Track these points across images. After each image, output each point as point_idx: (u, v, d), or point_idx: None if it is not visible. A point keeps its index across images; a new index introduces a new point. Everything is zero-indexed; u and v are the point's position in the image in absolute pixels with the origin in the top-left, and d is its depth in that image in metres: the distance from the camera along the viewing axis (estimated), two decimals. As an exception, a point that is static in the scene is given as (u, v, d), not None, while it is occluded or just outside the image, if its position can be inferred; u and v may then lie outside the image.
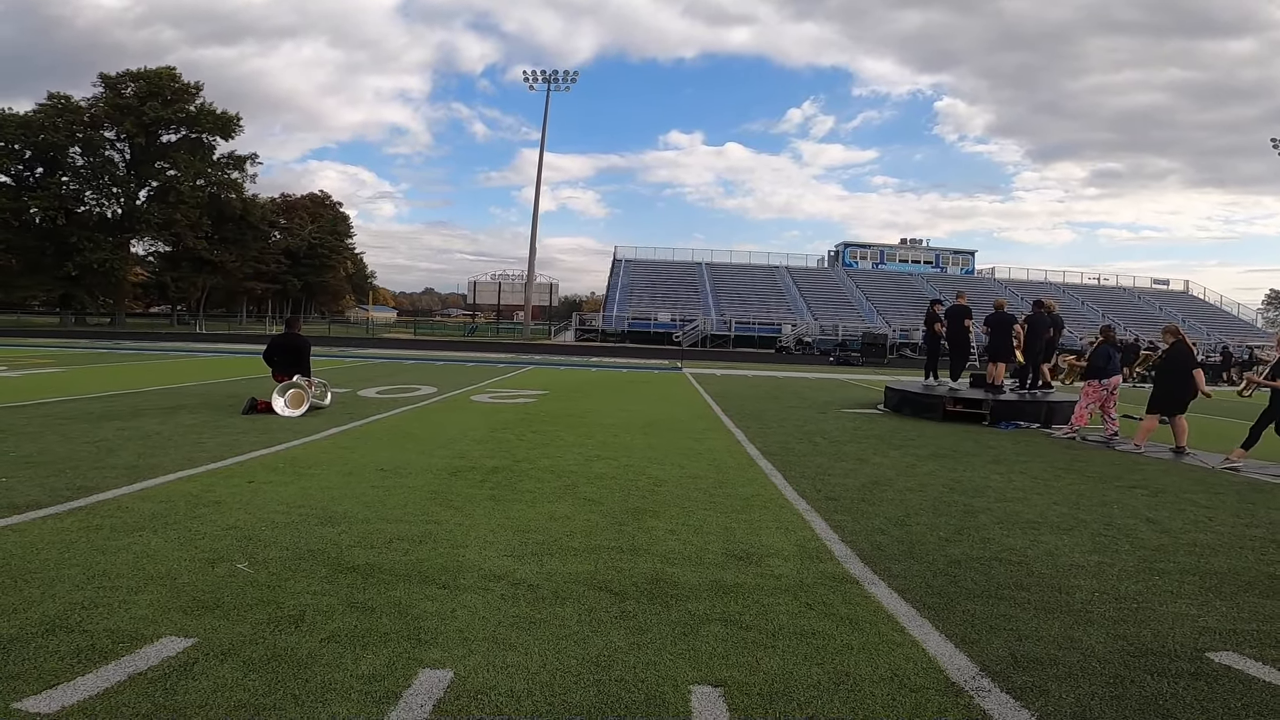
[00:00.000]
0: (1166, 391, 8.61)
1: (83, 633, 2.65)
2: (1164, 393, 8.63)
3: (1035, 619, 3.10)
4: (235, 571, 3.33)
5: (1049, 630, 2.98)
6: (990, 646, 2.79)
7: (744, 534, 4.25)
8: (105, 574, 3.24)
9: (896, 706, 2.32)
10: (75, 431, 6.86)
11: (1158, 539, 4.49)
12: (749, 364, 28.73)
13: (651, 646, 2.68)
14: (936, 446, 8.02)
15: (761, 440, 7.99)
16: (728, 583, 3.40)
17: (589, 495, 5.07)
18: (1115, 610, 3.25)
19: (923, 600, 3.27)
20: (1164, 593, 3.51)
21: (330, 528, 4.04)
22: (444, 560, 3.57)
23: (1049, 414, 10.59)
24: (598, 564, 3.60)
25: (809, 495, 5.33)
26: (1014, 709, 2.33)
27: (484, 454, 6.50)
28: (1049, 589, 3.48)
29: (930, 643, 2.80)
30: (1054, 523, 4.80)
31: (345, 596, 3.08)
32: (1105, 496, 5.70)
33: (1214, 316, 59.97)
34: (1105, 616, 3.16)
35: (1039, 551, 4.10)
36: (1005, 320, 11.79)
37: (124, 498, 4.54)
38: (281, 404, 8.60)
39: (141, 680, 2.32)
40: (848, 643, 2.77)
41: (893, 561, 3.83)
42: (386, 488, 5.05)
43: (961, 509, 5.08)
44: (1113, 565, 3.90)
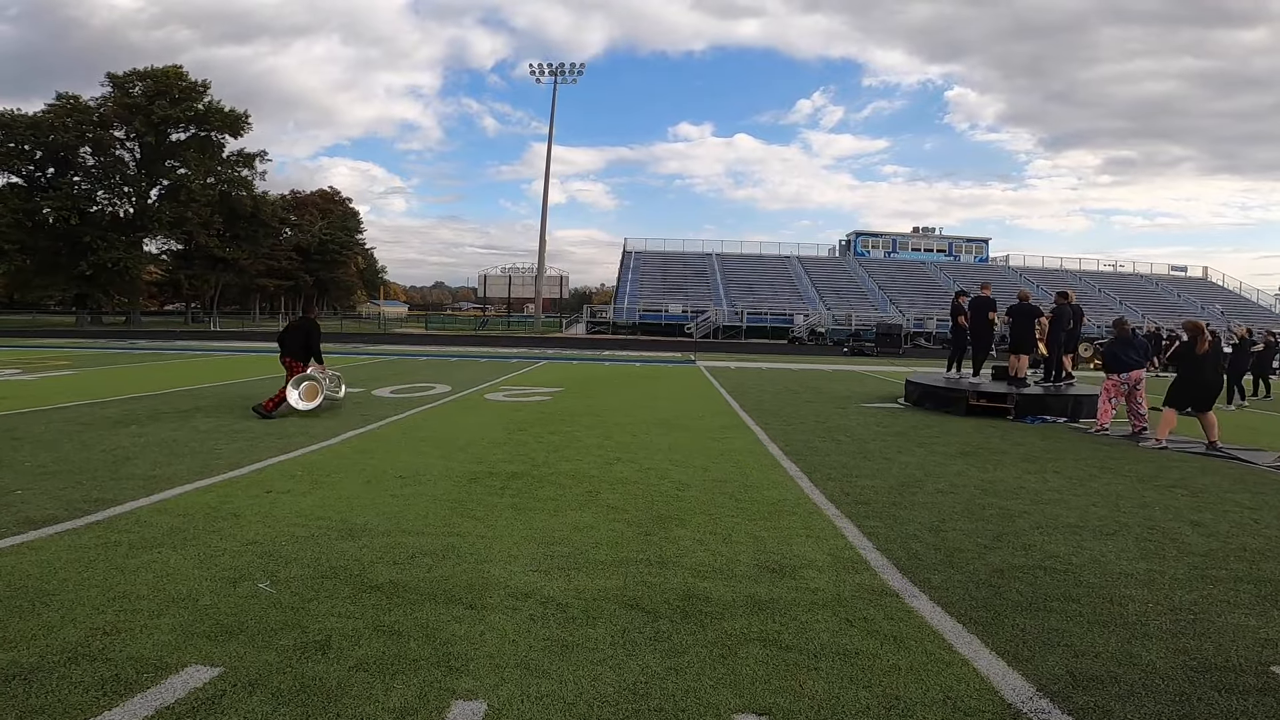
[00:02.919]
0: (1184, 385, 8.36)
1: (106, 661, 2.56)
2: (1182, 386, 8.38)
3: (1089, 633, 2.98)
4: (257, 592, 3.23)
5: (1106, 645, 2.86)
6: (1045, 664, 2.66)
7: (774, 543, 4.12)
8: (126, 596, 3.15)
9: None
10: (91, 438, 6.81)
11: (1205, 544, 4.33)
12: (762, 356, 28.52)
13: (689, 671, 2.56)
14: (963, 443, 7.85)
15: (783, 438, 7.85)
16: (762, 597, 3.28)
17: (612, 502, 4.95)
18: (1172, 622, 3.12)
19: (968, 614, 3.14)
20: (1220, 602, 3.37)
21: (351, 542, 3.94)
22: (469, 577, 3.47)
23: (1075, 407, 10.38)
24: (626, 579, 3.49)
25: (837, 499, 5.19)
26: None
27: (502, 458, 6.40)
28: (1100, 599, 3.35)
29: (981, 661, 2.67)
30: (1096, 527, 4.64)
31: (371, 619, 2.98)
32: (1145, 497, 5.53)
33: (1233, 302, 59.24)
34: (1162, 629, 3.04)
35: (1084, 559, 3.96)
36: (1029, 312, 11.57)
37: (141, 511, 4.47)
38: (296, 396, 8.60)
39: (170, 715, 2.24)
40: (894, 663, 2.64)
41: (932, 571, 3.69)
42: (405, 497, 4.95)
43: (997, 512, 4.93)
44: (1163, 573, 3.76)
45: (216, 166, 52.04)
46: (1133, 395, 9.21)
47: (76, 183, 47.80)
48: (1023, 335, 11.51)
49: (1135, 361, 9.30)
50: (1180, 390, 8.35)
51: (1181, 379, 8.43)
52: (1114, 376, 9.30)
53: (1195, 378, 8.26)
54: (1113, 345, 9.61)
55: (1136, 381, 9.25)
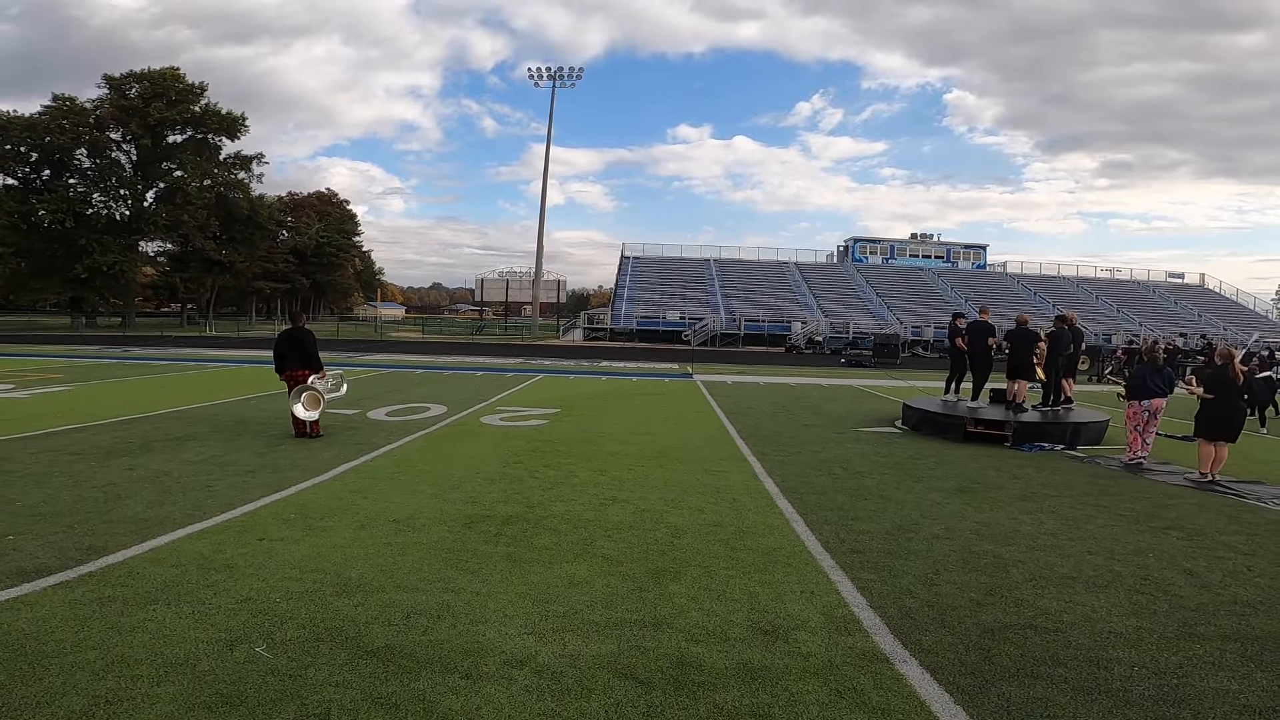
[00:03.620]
0: (1216, 415, 8.22)
1: None
2: (1214, 416, 8.24)
3: (1073, 702, 3.00)
4: (254, 656, 3.23)
5: (1089, 716, 2.89)
6: None
7: (768, 600, 4.12)
8: (124, 659, 3.15)
9: None
10: (82, 472, 6.78)
11: (1197, 596, 4.36)
12: (760, 367, 28.55)
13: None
14: (960, 478, 7.85)
15: (780, 473, 7.84)
16: (754, 665, 3.28)
17: (607, 552, 4.94)
18: (1155, 688, 3.15)
19: (956, 682, 3.16)
20: (1204, 664, 3.41)
21: (346, 599, 3.93)
22: (464, 641, 3.46)
23: (1074, 434, 10.40)
24: (621, 643, 3.48)
25: (833, 546, 5.19)
26: None
27: (497, 497, 6.39)
28: (1087, 664, 3.38)
29: None
30: (1089, 577, 4.66)
31: (368, 689, 2.98)
32: (1140, 542, 5.54)
33: (1230, 310, 59.42)
34: (1144, 696, 3.07)
35: (1075, 616, 3.97)
36: (1027, 336, 11.61)
37: (134, 560, 4.45)
38: (300, 408, 8.98)
39: None
40: None
41: (924, 632, 3.70)
42: (400, 545, 4.93)
43: (992, 561, 4.94)
44: (1152, 631, 3.79)
45: (213, 169, 51.97)
46: (1147, 424, 9.10)
47: (72, 185, 47.70)
48: (1021, 360, 11.55)
49: (1159, 390, 9.12)
50: (1211, 421, 8.22)
51: (1213, 408, 8.27)
52: (1135, 404, 9.14)
53: (1227, 407, 8.21)
54: (1142, 371, 9.46)
55: (1156, 410, 9.12)
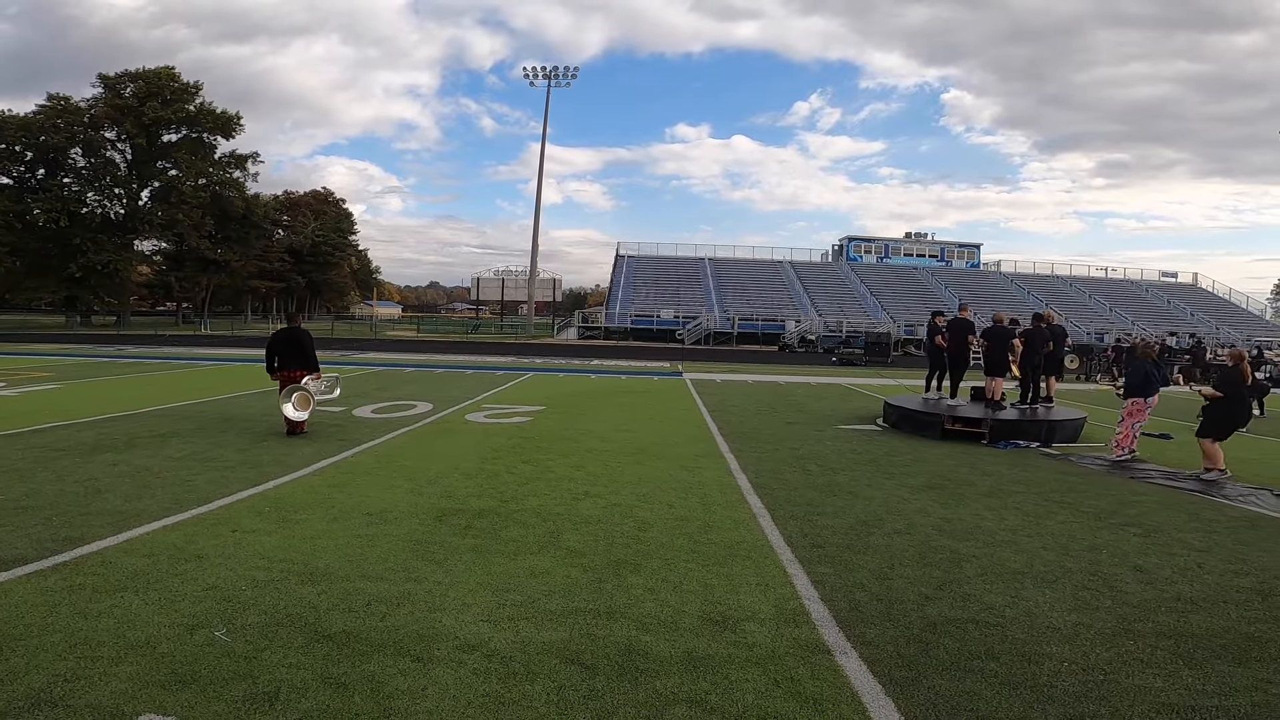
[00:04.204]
0: (1225, 415, 8.39)
1: (66, 708, 2.71)
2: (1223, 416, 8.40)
3: (999, 696, 3.09)
4: (213, 640, 3.35)
5: (1009, 710, 2.97)
6: None
7: (723, 592, 4.24)
8: (87, 642, 3.28)
9: None
10: (65, 467, 6.90)
11: (1141, 592, 4.46)
12: (751, 366, 28.67)
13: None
14: (932, 474, 7.98)
15: (754, 469, 7.98)
16: (700, 654, 3.40)
17: (572, 545, 5.06)
18: (1080, 684, 3.23)
19: (891, 674, 3.27)
20: (1134, 661, 3.49)
21: (310, 587, 4.06)
22: (420, 626, 3.59)
23: (1049, 432, 10.54)
24: (572, 631, 3.61)
25: (795, 541, 5.31)
26: None
27: (472, 491, 6.51)
28: (1020, 658, 3.47)
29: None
30: (1040, 573, 4.77)
31: (320, 670, 3.11)
32: (1096, 539, 5.66)
33: (1222, 309, 59.68)
34: (1068, 692, 3.15)
35: (1018, 611, 4.08)
36: (1003, 334, 11.76)
37: (108, 551, 4.57)
38: (290, 408, 8.99)
39: None
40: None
41: (868, 625, 3.81)
42: (370, 537, 5.06)
43: (948, 556, 5.06)
44: (1090, 626, 3.88)
45: (208, 168, 52.13)
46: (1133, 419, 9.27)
47: (67, 184, 47.81)
48: (997, 358, 11.70)
49: (1155, 388, 9.31)
50: (1221, 421, 8.37)
51: (1222, 408, 8.40)
52: (1139, 400, 9.28)
53: (1236, 408, 8.36)
54: (1142, 367, 9.58)
55: (1151, 407, 9.33)
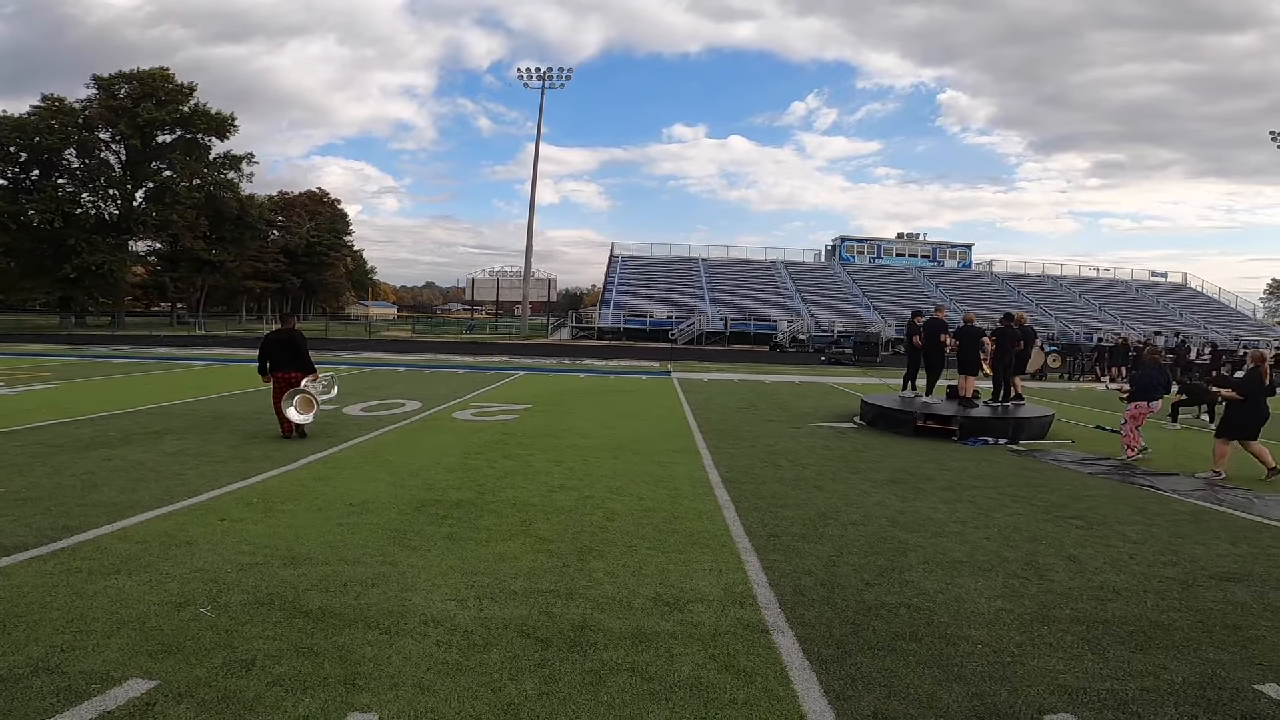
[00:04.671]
0: (1246, 415, 8.53)
1: (61, 674, 3.00)
2: (1243, 416, 8.55)
3: (912, 673, 3.33)
4: (198, 616, 3.65)
5: (919, 687, 3.20)
6: (859, 704, 3.03)
7: (678, 576, 4.54)
8: (83, 618, 3.58)
9: None
10: (62, 462, 7.19)
11: (1069, 581, 4.71)
12: (740, 365, 28.98)
13: (559, 696, 2.99)
14: (897, 469, 8.30)
15: (726, 464, 8.30)
16: (648, 631, 3.70)
17: (542, 533, 5.37)
18: (988, 665, 3.45)
19: (819, 652, 3.53)
20: (1044, 645, 3.70)
21: (292, 569, 4.36)
22: (391, 604, 3.89)
23: (1016, 429, 10.87)
24: (532, 609, 3.91)
25: (754, 531, 5.61)
26: None
27: (452, 484, 6.82)
28: (940, 640, 3.72)
29: (808, 698, 3.07)
30: (979, 562, 5.03)
31: (295, 641, 3.41)
32: (1039, 530, 5.93)
33: (1211, 309, 60.12)
34: (976, 672, 3.37)
35: (949, 597, 4.35)
36: (974, 334, 12.11)
37: (103, 538, 4.87)
38: (292, 410, 8.92)
39: (109, 719, 2.68)
40: (734, 697, 3.05)
41: (808, 608, 4.09)
42: (351, 525, 5.36)
43: (895, 546, 5.34)
44: (1011, 612, 4.13)
45: (202, 169, 52.31)
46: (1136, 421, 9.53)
47: (61, 185, 48.00)
48: (969, 357, 12.06)
49: (1164, 390, 9.49)
50: (1240, 421, 8.55)
51: (1244, 409, 8.55)
52: (1143, 404, 9.50)
53: (1257, 408, 8.53)
54: (1149, 371, 9.75)
55: (1153, 411, 9.54)
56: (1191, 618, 4.12)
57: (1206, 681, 3.33)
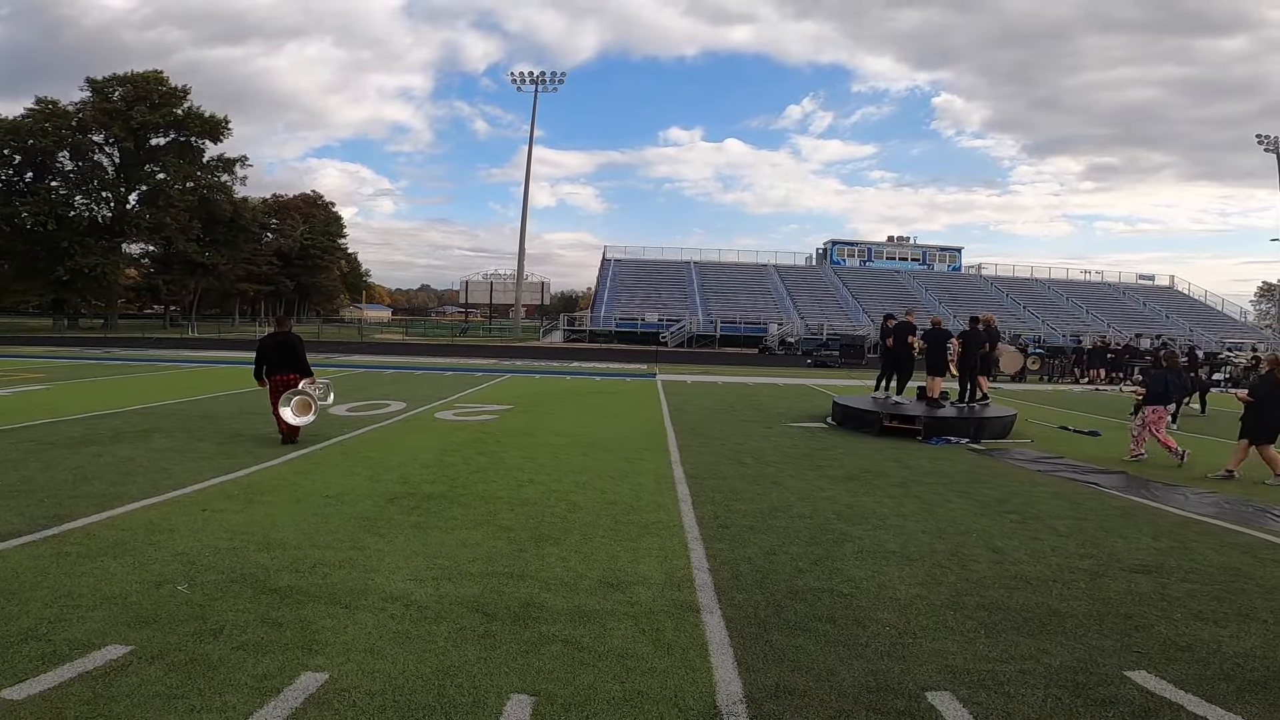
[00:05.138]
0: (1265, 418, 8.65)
1: (48, 641, 3.36)
2: (1262, 419, 8.66)
3: (820, 651, 3.60)
4: (175, 592, 4.02)
5: (822, 663, 3.47)
6: (766, 676, 3.34)
7: (626, 562, 4.90)
8: (70, 594, 3.94)
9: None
10: (55, 458, 7.54)
11: (985, 571, 4.94)
12: (727, 368, 29.34)
13: (495, 661, 3.36)
14: (856, 467, 8.65)
15: (693, 461, 8.66)
16: (588, 608, 4.06)
17: (505, 522, 5.73)
18: (889, 646, 3.70)
19: (741, 630, 3.84)
20: (945, 629, 3.95)
21: (265, 554, 4.72)
22: (354, 583, 4.26)
23: (978, 429, 11.25)
24: (484, 588, 4.28)
25: (705, 522, 5.95)
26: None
27: (426, 479, 7.18)
28: (853, 623, 3.99)
29: (721, 669, 3.38)
30: (909, 553, 5.29)
31: (261, 614, 3.78)
32: (975, 524, 6.20)
33: (1198, 311, 60.72)
34: (876, 652, 3.63)
35: (873, 584, 4.61)
36: (941, 336, 12.54)
37: (92, 526, 5.22)
38: (289, 412, 8.77)
39: (88, 677, 3.05)
40: (655, 666, 3.39)
41: (740, 591, 4.41)
42: (325, 515, 5.72)
43: (835, 538, 5.63)
44: (925, 599, 4.38)
45: (196, 171, 52.52)
46: (1157, 425, 9.70)
47: (54, 187, 48.18)
48: (936, 359, 12.47)
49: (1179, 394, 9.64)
50: (1251, 425, 8.69)
51: (1255, 413, 8.69)
52: (1159, 408, 9.63)
53: (1267, 412, 8.61)
54: (1164, 376, 9.87)
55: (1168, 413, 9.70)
56: (1089, 607, 4.36)
57: (1081, 666, 3.56)
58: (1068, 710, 3.11)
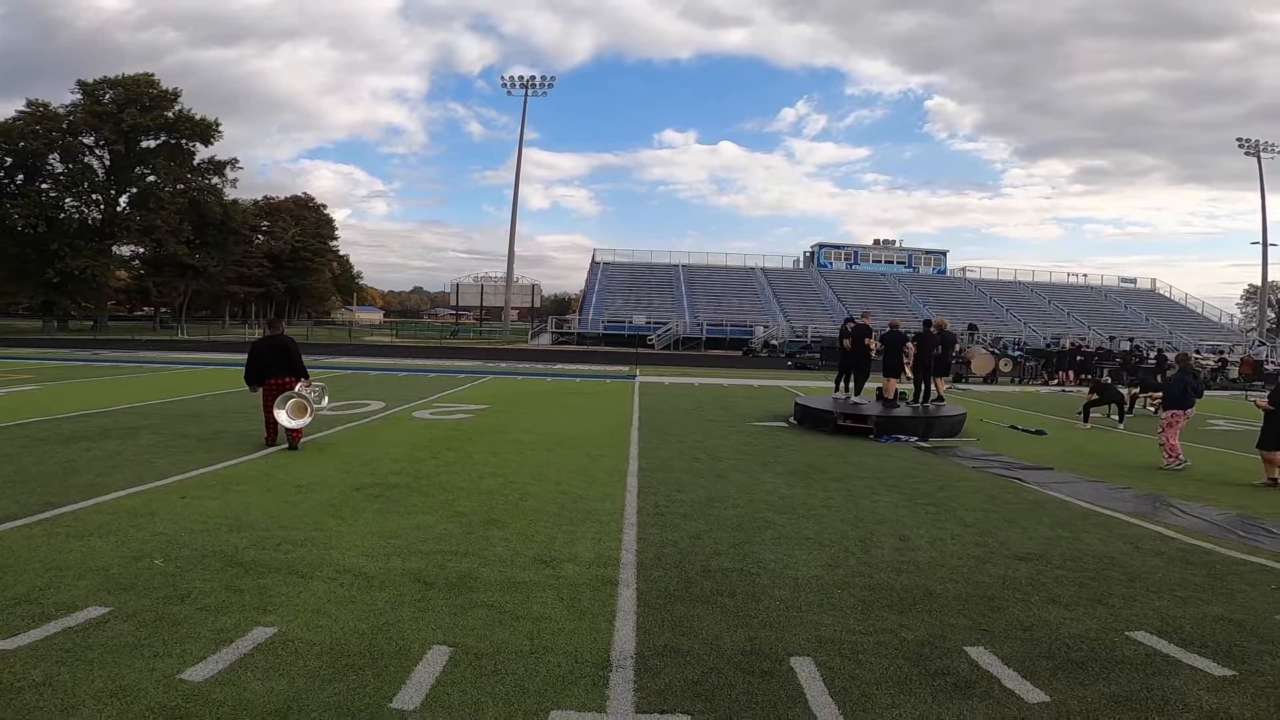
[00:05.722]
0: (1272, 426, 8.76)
1: (38, 605, 3.89)
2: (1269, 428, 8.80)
3: (712, 620, 4.01)
4: (152, 565, 4.56)
5: (710, 630, 3.88)
6: (659, 638, 3.80)
7: (562, 543, 5.43)
8: (58, 567, 4.48)
9: (559, 671, 3.40)
10: (47, 452, 8.07)
11: (886, 556, 5.30)
12: (710, 370, 29.84)
13: (426, 621, 3.91)
14: (802, 463, 9.20)
15: (649, 457, 9.21)
16: (518, 580, 4.60)
17: (460, 509, 6.28)
18: (774, 618, 4.08)
19: (650, 601, 4.32)
20: (827, 605, 4.32)
21: (236, 534, 5.27)
22: (313, 558, 4.81)
23: (926, 427, 11.83)
24: (429, 563, 4.83)
25: (645, 511, 6.47)
26: (624, 680, 3.35)
27: (393, 471, 7.73)
28: (749, 598, 4.38)
29: (622, 632, 3.87)
30: (823, 539, 5.69)
31: (226, 582, 4.33)
32: (892, 515, 6.61)
33: (1178, 315, 61.66)
34: (761, 622, 4.01)
35: (780, 566, 5.00)
36: (897, 339, 13.16)
37: (80, 510, 5.76)
38: (284, 415, 8.65)
39: (70, 632, 3.60)
40: (565, 627, 3.92)
41: (659, 569, 4.89)
42: (295, 502, 6.28)
43: (760, 525, 6.11)
44: (820, 579, 4.75)
45: (186, 174, 52.91)
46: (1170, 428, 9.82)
47: (45, 190, 48.52)
48: (893, 360, 13.08)
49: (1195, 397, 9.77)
50: (1270, 432, 8.77)
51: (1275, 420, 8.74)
52: (1178, 411, 9.77)
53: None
54: (1182, 380, 10.05)
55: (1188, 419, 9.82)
56: (961, 589, 4.69)
57: (930, 640, 3.88)
58: (903, 677, 3.46)
